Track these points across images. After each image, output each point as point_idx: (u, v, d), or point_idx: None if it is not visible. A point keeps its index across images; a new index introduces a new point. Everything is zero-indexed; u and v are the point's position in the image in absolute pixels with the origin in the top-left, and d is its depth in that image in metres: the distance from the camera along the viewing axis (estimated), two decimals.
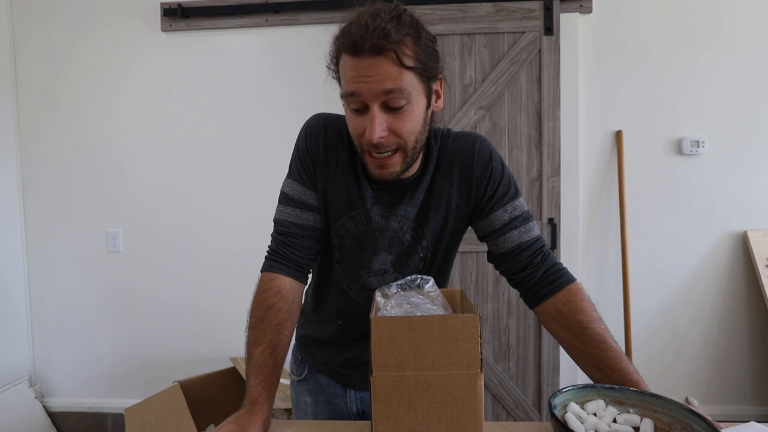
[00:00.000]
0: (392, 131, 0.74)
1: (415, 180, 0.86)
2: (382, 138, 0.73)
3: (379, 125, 0.73)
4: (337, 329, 0.95)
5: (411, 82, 0.73)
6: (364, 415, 0.99)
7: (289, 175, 0.90)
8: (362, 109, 0.75)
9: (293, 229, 0.86)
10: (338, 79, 0.79)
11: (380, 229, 0.86)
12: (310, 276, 0.93)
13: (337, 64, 0.78)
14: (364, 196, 0.85)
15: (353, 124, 0.77)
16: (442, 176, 0.86)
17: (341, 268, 0.90)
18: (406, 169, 0.81)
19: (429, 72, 0.75)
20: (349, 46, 0.71)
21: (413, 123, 0.76)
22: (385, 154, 0.76)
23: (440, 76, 0.79)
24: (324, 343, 0.98)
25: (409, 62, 0.71)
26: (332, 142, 0.87)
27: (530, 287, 0.86)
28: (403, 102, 0.73)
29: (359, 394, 0.99)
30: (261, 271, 0.87)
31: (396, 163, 0.78)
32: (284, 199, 0.89)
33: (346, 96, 0.75)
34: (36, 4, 2.27)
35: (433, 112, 0.81)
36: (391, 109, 0.73)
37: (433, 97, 0.80)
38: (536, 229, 0.87)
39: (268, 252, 0.88)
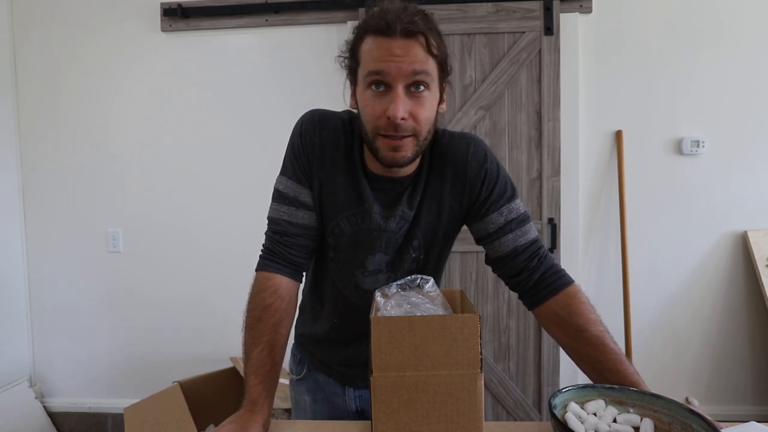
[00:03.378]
0: (411, 115, 0.75)
1: (412, 181, 0.86)
2: (404, 118, 0.74)
3: (402, 104, 0.73)
4: (332, 327, 0.95)
5: (433, 70, 0.76)
6: (363, 413, 0.98)
7: (283, 172, 0.88)
8: (383, 90, 0.75)
9: (288, 227, 0.85)
10: (350, 66, 0.80)
11: (379, 230, 0.86)
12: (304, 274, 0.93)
13: (354, 50, 0.78)
14: (363, 195, 0.85)
15: (372, 106, 0.76)
16: (435, 176, 0.86)
17: (336, 267, 0.90)
18: (411, 161, 0.80)
19: (445, 69, 0.78)
20: (381, 27, 0.73)
21: (429, 111, 0.77)
22: (402, 137, 0.76)
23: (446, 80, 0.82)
24: (321, 341, 0.98)
25: (434, 50, 0.74)
26: (328, 138, 0.85)
27: (527, 290, 0.86)
28: (425, 86, 0.75)
29: (358, 392, 0.99)
30: (256, 270, 0.86)
31: (409, 147, 0.77)
32: (278, 196, 0.87)
33: (370, 75, 0.75)
34: (36, 4, 2.27)
35: (437, 113, 0.82)
36: (412, 93, 0.75)
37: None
38: (533, 232, 0.86)
39: (262, 251, 0.87)
